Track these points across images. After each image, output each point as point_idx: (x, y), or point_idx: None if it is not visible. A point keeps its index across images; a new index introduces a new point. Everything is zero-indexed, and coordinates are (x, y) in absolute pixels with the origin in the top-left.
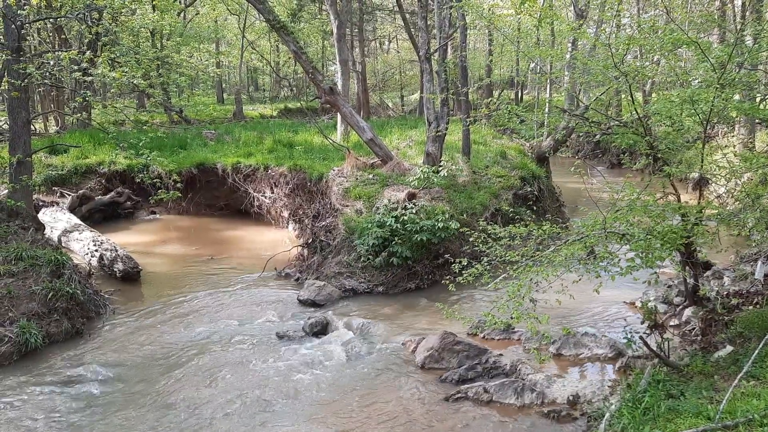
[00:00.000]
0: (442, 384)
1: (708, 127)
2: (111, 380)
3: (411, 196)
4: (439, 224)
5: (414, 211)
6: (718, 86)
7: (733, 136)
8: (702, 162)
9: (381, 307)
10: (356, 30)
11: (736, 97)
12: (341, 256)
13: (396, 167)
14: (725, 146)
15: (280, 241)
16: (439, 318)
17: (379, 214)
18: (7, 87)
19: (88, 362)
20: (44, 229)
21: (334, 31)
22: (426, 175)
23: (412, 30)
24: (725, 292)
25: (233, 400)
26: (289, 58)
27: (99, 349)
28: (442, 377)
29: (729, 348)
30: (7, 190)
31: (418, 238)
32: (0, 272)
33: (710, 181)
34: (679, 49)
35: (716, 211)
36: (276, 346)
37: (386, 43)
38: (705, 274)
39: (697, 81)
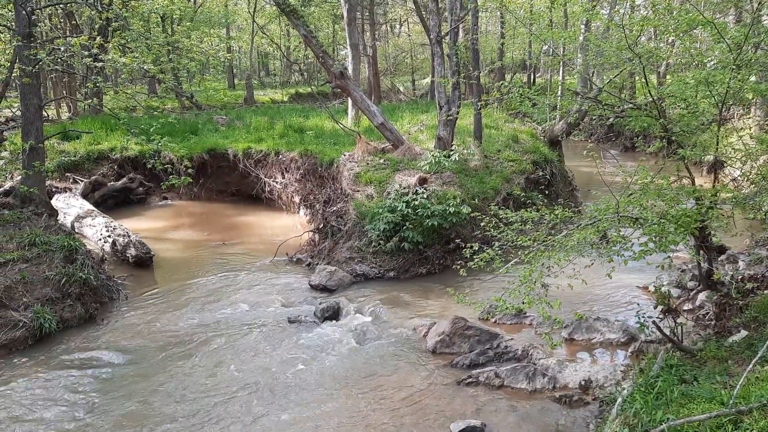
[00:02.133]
0: (454, 369)
1: (723, 109)
2: (124, 364)
3: (422, 181)
4: (450, 209)
5: (425, 196)
6: (734, 67)
7: (749, 118)
8: (717, 145)
9: (392, 292)
10: (367, 13)
11: (753, 78)
12: (352, 242)
13: (407, 152)
14: (741, 129)
15: (292, 226)
16: (450, 303)
17: (390, 199)
18: (18, 73)
19: (102, 347)
20: (57, 215)
21: (345, 14)
22: (437, 160)
23: (423, 13)
24: (740, 277)
25: (245, 385)
26: (300, 42)
27: (112, 333)
28: (454, 362)
29: (743, 333)
30: (20, 177)
31: (429, 223)
32: (14, 258)
33: (725, 164)
34: (695, 30)
35: (731, 194)
36: (287, 331)
37: (397, 26)
38: (719, 259)
39: (712, 62)
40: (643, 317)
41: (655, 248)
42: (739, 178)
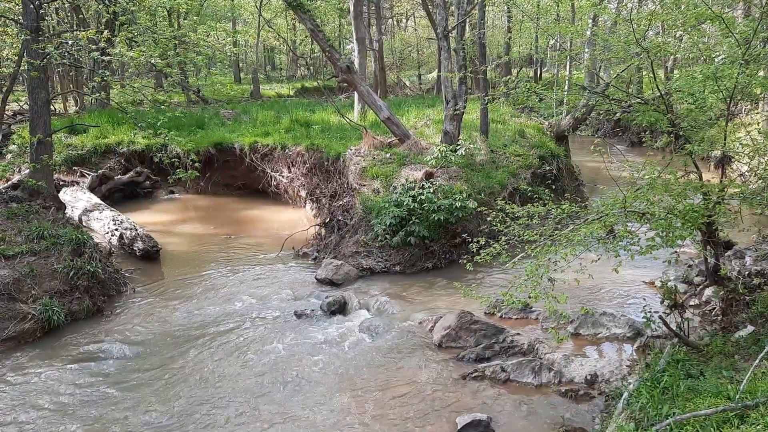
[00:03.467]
0: (459, 363)
1: (731, 104)
2: (132, 357)
3: (428, 176)
4: (456, 203)
5: (431, 191)
6: (742, 62)
7: (757, 113)
8: (725, 140)
9: (398, 287)
10: (373, 8)
11: (761, 73)
12: (358, 236)
13: (413, 146)
14: (749, 124)
15: (298, 220)
16: (456, 297)
17: (396, 193)
18: (26, 67)
19: (109, 339)
20: (65, 208)
21: (351, 8)
22: (443, 154)
23: (429, 7)
24: (747, 272)
25: (251, 379)
26: (306, 36)
27: (120, 326)
28: (460, 356)
29: (750, 328)
30: (28, 170)
31: (436, 218)
32: (23, 251)
33: (733, 160)
34: (703, 25)
35: (738, 189)
36: (294, 325)
37: (403, 20)
38: (726, 254)
39: (720, 57)
40: (649, 312)
41: (662, 243)
42: (746, 173)
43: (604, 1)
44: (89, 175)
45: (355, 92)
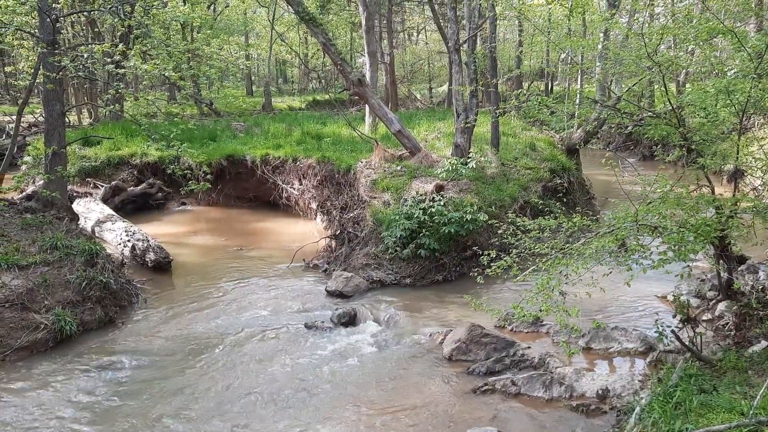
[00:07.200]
0: (470, 376)
1: (744, 118)
2: (143, 368)
3: (439, 188)
4: (467, 216)
5: (442, 203)
6: (754, 76)
7: None
8: (737, 154)
9: (408, 299)
10: (385, 21)
11: None
12: (369, 248)
13: (424, 159)
14: (762, 138)
15: (309, 232)
16: (466, 310)
17: (407, 205)
18: (42, 79)
19: (121, 350)
20: (78, 219)
21: (363, 22)
22: (454, 167)
23: (441, 21)
24: (760, 287)
25: (263, 390)
26: (318, 50)
27: (131, 337)
28: (470, 369)
29: (764, 343)
30: (42, 181)
31: (446, 230)
32: (36, 261)
33: (746, 174)
34: (715, 39)
35: (752, 203)
36: (304, 337)
37: (415, 34)
38: (739, 268)
39: (732, 71)
40: (661, 326)
41: (675, 257)
42: (759, 187)
43: (616, 16)
44: (102, 186)
45: (366, 105)
